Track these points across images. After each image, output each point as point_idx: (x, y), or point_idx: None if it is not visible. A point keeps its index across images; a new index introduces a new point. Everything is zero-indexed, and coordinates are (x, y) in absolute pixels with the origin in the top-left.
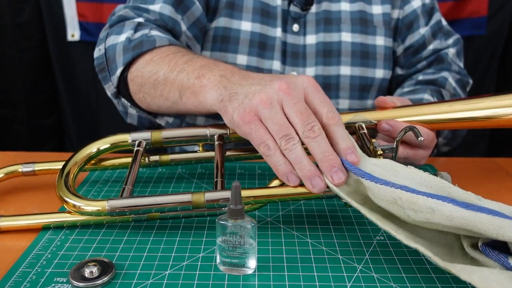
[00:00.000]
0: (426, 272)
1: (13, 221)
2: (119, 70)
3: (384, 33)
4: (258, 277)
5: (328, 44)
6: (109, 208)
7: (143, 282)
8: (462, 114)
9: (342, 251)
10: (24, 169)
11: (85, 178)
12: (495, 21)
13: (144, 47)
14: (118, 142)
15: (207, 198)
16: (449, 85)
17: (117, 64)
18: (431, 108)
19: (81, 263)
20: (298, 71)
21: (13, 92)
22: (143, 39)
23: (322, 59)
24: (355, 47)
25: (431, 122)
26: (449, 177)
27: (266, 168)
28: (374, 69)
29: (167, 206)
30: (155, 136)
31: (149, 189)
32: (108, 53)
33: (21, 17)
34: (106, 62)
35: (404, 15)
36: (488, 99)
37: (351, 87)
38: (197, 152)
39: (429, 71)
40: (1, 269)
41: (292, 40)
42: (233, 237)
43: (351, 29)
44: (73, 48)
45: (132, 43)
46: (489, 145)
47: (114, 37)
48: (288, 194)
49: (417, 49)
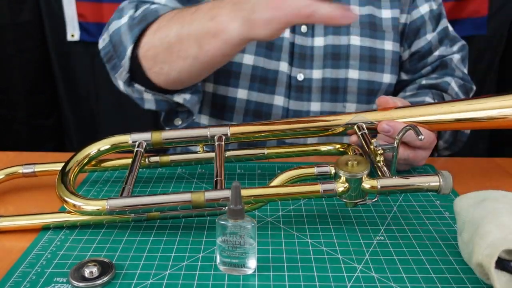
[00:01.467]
0: (426, 272)
1: (13, 221)
2: (129, 49)
3: (393, 38)
4: (258, 277)
5: (337, 47)
6: (109, 207)
7: (143, 282)
8: (464, 114)
9: (342, 251)
10: (25, 170)
11: (84, 178)
12: (495, 21)
13: (148, 18)
14: (118, 143)
15: (206, 198)
16: (451, 89)
17: (125, 45)
18: (432, 108)
19: (81, 263)
20: (305, 73)
21: (13, 92)
22: (146, 13)
23: (331, 61)
24: (363, 51)
25: (432, 122)
26: (450, 176)
27: (266, 168)
28: (382, 74)
29: (167, 205)
30: (155, 137)
31: (149, 189)
32: (113, 39)
33: (21, 17)
34: (113, 48)
35: (411, 20)
36: (490, 100)
37: (358, 91)
38: (198, 153)
39: (432, 76)
40: (1, 269)
41: (300, 41)
42: (233, 237)
43: (360, 32)
44: (73, 48)
45: (136, 19)
46: (489, 145)
47: (116, 22)
48: (288, 193)
49: (423, 55)
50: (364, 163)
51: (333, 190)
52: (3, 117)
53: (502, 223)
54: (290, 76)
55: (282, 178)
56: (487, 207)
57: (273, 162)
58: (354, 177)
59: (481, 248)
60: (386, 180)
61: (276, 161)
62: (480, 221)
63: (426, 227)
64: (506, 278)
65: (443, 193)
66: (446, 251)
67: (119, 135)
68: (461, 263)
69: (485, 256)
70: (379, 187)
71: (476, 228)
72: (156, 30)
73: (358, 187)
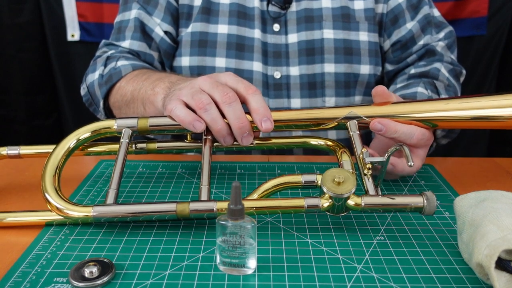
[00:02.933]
0: (426, 272)
1: (16, 217)
2: (101, 103)
3: (368, 28)
4: (258, 277)
5: (311, 42)
6: (95, 214)
7: (143, 282)
8: (461, 112)
9: (342, 251)
10: (10, 152)
11: (86, 176)
12: (495, 21)
13: (113, 79)
14: (100, 128)
15: (191, 208)
16: (442, 75)
17: (98, 98)
18: (427, 105)
19: (81, 263)
20: (282, 71)
21: (13, 92)
22: (111, 73)
23: (305, 57)
24: (338, 44)
25: (428, 119)
26: (434, 196)
27: (266, 168)
28: (359, 65)
29: (152, 215)
30: (142, 123)
31: (149, 188)
32: (90, 90)
33: (21, 17)
34: (91, 98)
35: (388, 9)
36: (485, 99)
37: (336, 85)
38: (185, 141)
39: (420, 63)
40: (1, 269)
41: (273, 40)
42: (233, 237)
43: (333, 25)
44: (73, 48)
45: (104, 78)
46: (489, 145)
47: (91, 75)
48: (271, 207)
49: (405, 44)
50: (351, 181)
51: (317, 206)
52: (3, 117)
53: (502, 223)
54: (267, 75)
55: (269, 185)
56: (487, 207)
57: (273, 162)
58: (339, 197)
59: (481, 248)
60: (371, 199)
61: (276, 161)
62: (480, 221)
63: (426, 227)
64: (506, 278)
65: (427, 214)
66: (446, 251)
67: (103, 120)
68: (461, 263)
69: (485, 256)
70: (363, 205)
71: (476, 228)
72: (118, 88)
73: (343, 205)
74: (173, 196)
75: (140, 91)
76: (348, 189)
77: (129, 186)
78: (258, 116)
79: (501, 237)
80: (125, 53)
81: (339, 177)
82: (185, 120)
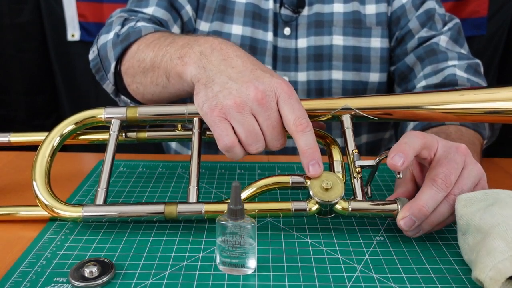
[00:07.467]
0: (426, 272)
1: (21, 211)
2: (113, 65)
3: (381, 33)
4: (258, 277)
5: (319, 47)
6: (85, 215)
7: (143, 282)
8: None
9: (342, 251)
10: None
11: (86, 176)
12: (495, 21)
13: (131, 38)
14: (84, 119)
15: (179, 210)
16: (461, 79)
17: (110, 61)
18: (428, 97)
19: (81, 263)
20: (290, 76)
21: (13, 92)
22: (130, 31)
23: (313, 63)
24: (347, 51)
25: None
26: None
27: (266, 168)
28: (368, 73)
29: (140, 216)
30: (131, 113)
31: (149, 188)
32: (100, 52)
33: (21, 17)
34: (101, 62)
35: (392, 10)
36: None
37: (343, 92)
38: (176, 131)
39: (428, 71)
40: (1, 268)
41: (283, 44)
42: (233, 237)
43: (343, 31)
44: (73, 48)
45: (120, 37)
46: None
47: (104, 36)
48: (258, 209)
49: (402, 39)
50: (339, 187)
51: (304, 209)
52: (3, 117)
53: (511, 238)
54: None
55: (257, 185)
56: (496, 214)
57: (273, 162)
58: (326, 203)
59: (485, 267)
60: (358, 203)
61: (276, 161)
62: (488, 230)
63: None
64: None
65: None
66: (446, 251)
67: (90, 109)
68: (461, 263)
69: (489, 278)
70: (350, 209)
71: (484, 237)
72: (136, 50)
73: (331, 209)
74: (173, 196)
75: (163, 59)
76: (335, 196)
77: (129, 186)
78: (306, 160)
79: (508, 257)
80: (146, 20)
81: (327, 183)
82: (231, 155)
